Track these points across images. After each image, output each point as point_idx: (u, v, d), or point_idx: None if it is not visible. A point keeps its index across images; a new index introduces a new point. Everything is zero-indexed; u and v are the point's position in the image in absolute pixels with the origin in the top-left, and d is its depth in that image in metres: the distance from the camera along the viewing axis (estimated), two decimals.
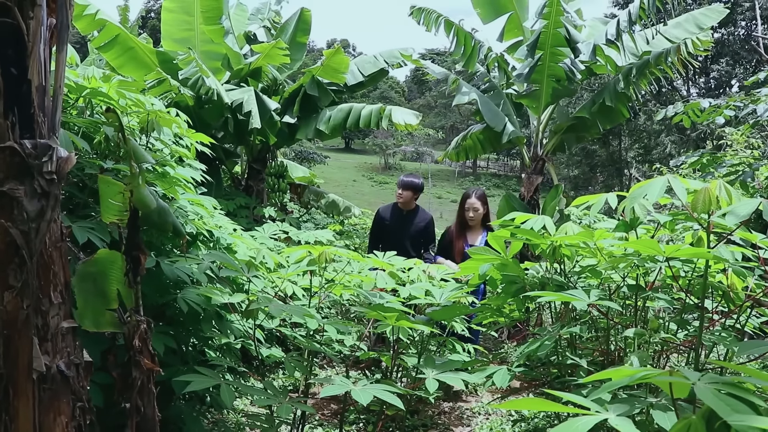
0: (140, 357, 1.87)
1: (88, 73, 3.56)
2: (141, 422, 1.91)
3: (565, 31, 6.50)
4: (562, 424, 0.97)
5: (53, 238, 1.70)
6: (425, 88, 67.02)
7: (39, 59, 1.62)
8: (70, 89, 2.92)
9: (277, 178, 8.50)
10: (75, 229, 2.38)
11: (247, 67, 7.56)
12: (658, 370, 1.12)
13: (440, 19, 8.23)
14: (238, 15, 8.58)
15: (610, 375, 1.17)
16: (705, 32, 7.04)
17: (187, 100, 7.00)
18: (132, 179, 1.69)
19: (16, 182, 1.61)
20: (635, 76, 6.73)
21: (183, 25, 7.67)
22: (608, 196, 2.79)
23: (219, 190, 7.97)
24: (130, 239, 1.80)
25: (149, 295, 2.92)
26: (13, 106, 1.60)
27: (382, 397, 2.08)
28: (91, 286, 1.84)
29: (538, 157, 7.78)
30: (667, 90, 23.21)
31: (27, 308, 1.64)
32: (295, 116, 7.78)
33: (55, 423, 1.71)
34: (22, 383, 1.67)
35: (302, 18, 8.21)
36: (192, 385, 2.27)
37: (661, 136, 22.29)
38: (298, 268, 3.02)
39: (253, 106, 6.86)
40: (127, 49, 7.21)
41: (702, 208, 2.24)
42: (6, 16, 1.56)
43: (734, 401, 0.97)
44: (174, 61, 7.20)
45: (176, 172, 3.32)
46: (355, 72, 8.07)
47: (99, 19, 6.75)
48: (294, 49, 8.10)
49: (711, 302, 2.90)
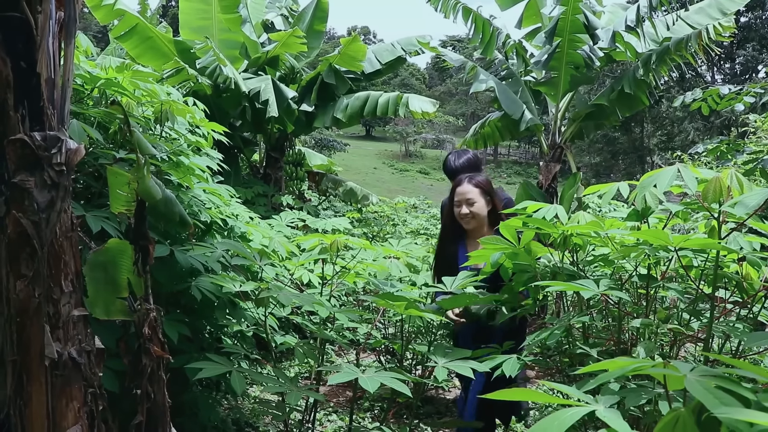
0: (150, 344, 1.91)
1: (105, 63, 3.60)
2: (152, 408, 1.95)
3: (584, 17, 6.42)
4: (549, 416, 0.98)
5: (64, 228, 1.73)
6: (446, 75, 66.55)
7: (48, 52, 1.65)
8: (85, 80, 2.96)
9: (295, 166, 8.54)
10: (89, 218, 2.43)
11: (264, 55, 7.58)
12: (652, 361, 1.12)
13: (458, 6, 8.17)
14: (256, 3, 8.59)
15: (607, 366, 1.17)
16: (728, 17, 6.90)
17: (205, 89, 7.05)
18: (137, 170, 1.72)
19: (27, 174, 1.64)
20: (655, 62, 6.63)
21: (201, 14, 7.71)
22: (620, 185, 2.77)
23: (237, 179, 8.04)
24: (137, 229, 1.84)
25: (164, 283, 2.97)
26: (23, 99, 1.63)
27: (390, 385, 2.10)
28: (102, 275, 1.87)
29: (556, 144, 7.72)
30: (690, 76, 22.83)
31: (38, 297, 1.69)
32: (312, 104, 7.80)
33: (68, 408, 1.75)
34: (35, 369, 1.71)
35: (319, 6, 8.20)
36: (203, 372, 2.31)
37: (684, 122, 21.94)
38: (310, 256, 3.05)
39: (270, 95, 6.89)
40: (145, 39, 7.26)
41: (712, 197, 2.21)
42: (15, 10, 1.59)
43: (723, 394, 0.96)
44: (191, 50, 7.25)
45: (191, 162, 3.35)
46: (372, 60, 8.06)
47: (117, 9, 6.81)
48: (311, 37, 8.11)
49: (725, 292, 2.87)
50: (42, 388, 1.72)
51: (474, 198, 3.43)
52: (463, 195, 3.44)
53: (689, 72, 21.64)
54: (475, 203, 3.42)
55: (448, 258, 3.47)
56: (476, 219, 3.43)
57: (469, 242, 3.46)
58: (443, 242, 3.60)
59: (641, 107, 7.75)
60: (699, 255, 2.80)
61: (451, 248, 3.49)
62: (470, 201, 3.42)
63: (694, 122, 21.74)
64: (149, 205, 1.80)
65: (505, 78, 8.25)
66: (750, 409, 0.92)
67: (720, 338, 2.73)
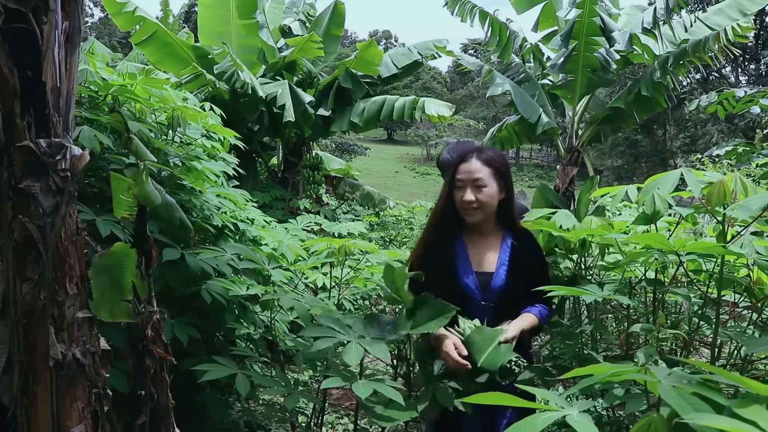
0: (153, 346, 1.95)
1: (122, 69, 3.68)
2: (155, 409, 1.99)
3: (600, 20, 6.40)
4: (524, 419, 0.99)
5: (69, 232, 1.78)
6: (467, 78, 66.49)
7: (53, 62, 1.70)
8: (99, 87, 3.02)
9: (312, 170, 8.61)
10: (99, 222, 2.49)
11: (281, 60, 7.66)
12: (634, 367, 1.13)
13: (475, 10, 8.19)
14: (274, 8, 8.68)
15: (592, 371, 1.18)
16: (747, 18, 6.82)
17: (223, 94, 7.14)
18: (136, 176, 1.77)
19: (33, 179, 1.69)
20: (672, 65, 6.58)
21: (219, 20, 7.82)
22: (628, 188, 2.76)
23: (255, 183, 8.12)
24: (138, 233, 1.88)
25: (176, 286, 3.02)
26: (29, 107, 1.68)
27: (383, 392, 2.10)
28: (107, 278, 1.92)
29: (573, 148, 7.70)
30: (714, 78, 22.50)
31: (44, 299, 1.73)
32: (329, 109, 7.86)
33: (72, 408, 1.80)
34: (40, 370, 1.76)
35: (336, 11, 8.26)
36: (208, 375, 2.36)
37: (708, 125, 21.62)
38: (317, 260, 3.08)
39: (287, 99, 6.96)
40: (164, 45, 7.38)
41: (716, 201, 2.20)
42: (21, 21, 1.64)
43: (697, 400, 0.97)
44: (209, 55, 7.35)
45: (204, 166, 3.40)
46: (389, 64, 8.10)
47: (137, 15, 6.93)
48: (328, 41, 8.17)
49: (735, 297, 2.85)
50: (47, 388, 1.76)
51: (484, 180, 2.44)
52: (470, 174, 2.45)
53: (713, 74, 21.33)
54: (484, 188, 2.46)
55: (441, 262, 2.51)
56: (483, 210, 2.48)
57: (469, 240, 2.54)
58: (433, 239, 2.59)
59: (659, 110, 7.69)
60: (708, 260, 2.79)
61: (445, 249, 2.52)
62: (478, 183, 2.43)
63: (718, 124, 21.42)
64: (149, 209, 1.85)
65: (522, 81, 8.24)
66: (721, 415, 0.93)
67: (729, 344, 2.71)
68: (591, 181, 7.55)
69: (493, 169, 2.49)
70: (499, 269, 2.49)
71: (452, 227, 2.55)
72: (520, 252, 2.54)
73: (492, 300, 2.45)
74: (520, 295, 2.46)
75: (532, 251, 2.59)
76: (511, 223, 2.59)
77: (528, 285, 2.39)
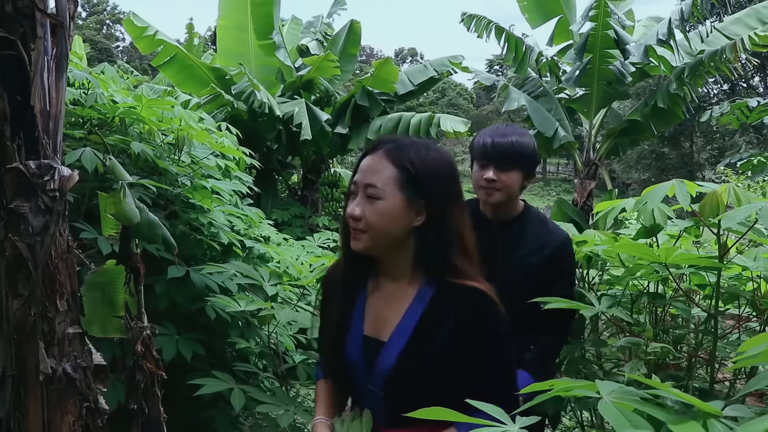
0: (143, 361, 1.99)
1: (139, 91, 3.78)
2: (146, 423, 2.03)
3: (614, 32, 6.37)
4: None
5: (59, 250, 1.84)
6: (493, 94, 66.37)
7: (42, 86, 1.77)
8: (107, 109, 3.11)
9: (331, 187, 8.69)
10: (100, 240, 2.56)
11: (298, 79, 7.77)
12: (586, 382, 1.13)
13: (491, 26, 8.22)
14: (292, 29, 8.83)
15: (556, 384, 1.18)
16: (766, 27, 6.72)
17: (242, 114, 7.26)
18: (114, 195, 1.82)
19: (22, 200, 1.75)
20: (688, 75, 6.52)
21: (237, 41, 7.98)
22: (625, 201, 2.75)
23: (275, 201, 8.22)
24: (122, 251, 1.93)
25: (181, 302, 3.08)
26: (19, 130, 1.75)
27: None
28: (99, 294, 1.97)
29: (590, 161, 7.64)
30: (741, 88, 22.10)
31: (34, 315, 1.79)
32: (346, 126, 7.94)
33: (62, 421, 1.85)
34: (31, 384, 1.81)
35: (352, 30, 8.37)
36: (204, 389, 2.39)
37: (735, 135, 21.22)
38: (311, 276, 3.10)
39: (303, 118, 7.05)
40: (185, 67, 7.54)
41: (709, 212, 2.19)
42: (10, 49, 1.72)
43: (635, 416, 0.97)
44: (227, 76, 7.49)
45: (213, 185, 3.46)
46: (405, 81, 8.17)
47: (157, 39, 7.10)
48: (345, 60, 8.27)
49: (738, 309, 2.80)
50: (38, 402, 1.81)
51: (380, 188, 1.56)
52: (364, 176, 1.59)
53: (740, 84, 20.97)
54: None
55: (330, 310, 1.74)
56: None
57: (375, 286, 1.64)
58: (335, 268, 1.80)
59: (677, 122, 7.61)
60: (711, 272, 2.75)
61: (340, 292, 1.68)
62: (370, 192, 1.52)
63: (746, 135, 21.01)
64: (132, 228, 1.90)
65: (539, 95, 8.23)
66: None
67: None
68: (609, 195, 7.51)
69: (406, 174, 1.50)
70: (394, 338, 1.54)
71: (361, 258, 1.60)
72: (446, 315, 1.52)
73: (378, 386, 1.55)
74: (434, 383, 1.50)
75: (478, 320, 1.51)
76: (446, 269, 1.52)
77: (464, 370, 1.49)
